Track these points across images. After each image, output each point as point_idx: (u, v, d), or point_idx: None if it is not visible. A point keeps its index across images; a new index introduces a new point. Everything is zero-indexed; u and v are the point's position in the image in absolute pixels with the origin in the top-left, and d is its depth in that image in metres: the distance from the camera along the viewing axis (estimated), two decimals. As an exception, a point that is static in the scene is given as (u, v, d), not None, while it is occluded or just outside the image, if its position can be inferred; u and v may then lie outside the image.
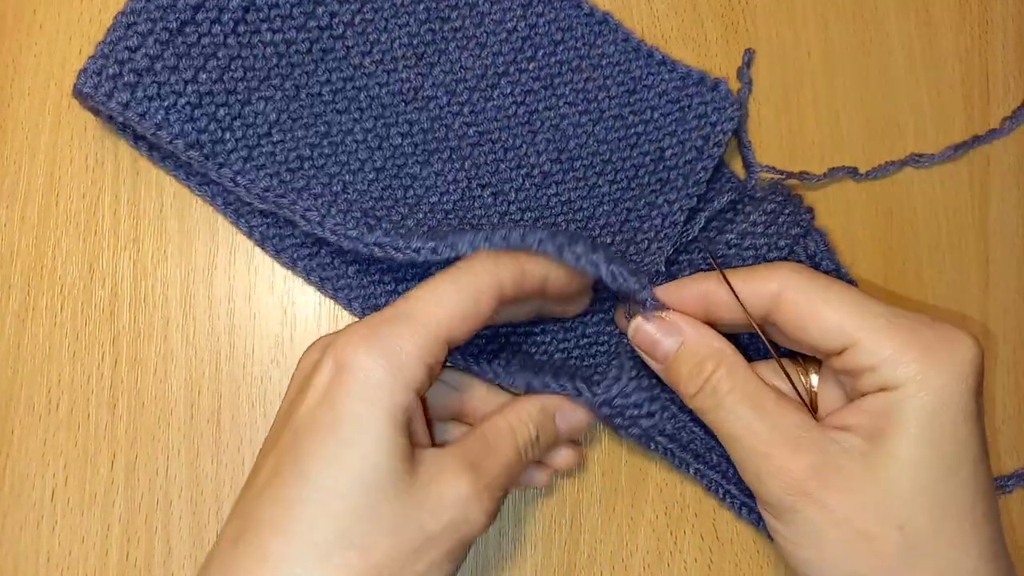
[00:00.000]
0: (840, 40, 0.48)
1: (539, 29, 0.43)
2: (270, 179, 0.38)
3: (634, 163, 0.43)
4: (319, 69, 0.40)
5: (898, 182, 0.47)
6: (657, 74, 0.44)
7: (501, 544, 0.41)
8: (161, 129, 0.37)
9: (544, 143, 0.42)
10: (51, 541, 0.39)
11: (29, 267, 0.40)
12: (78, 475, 0.39)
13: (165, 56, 0.37)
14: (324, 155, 0.40)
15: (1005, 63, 0.49)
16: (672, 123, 0.43)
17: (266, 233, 0.41)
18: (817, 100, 0.47)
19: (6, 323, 0.40)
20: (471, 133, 0.42)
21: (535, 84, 0.43)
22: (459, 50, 0.42)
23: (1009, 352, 0.47)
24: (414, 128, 0.41)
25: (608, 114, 0.43)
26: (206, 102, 0.38)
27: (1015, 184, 0.48)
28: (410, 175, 0.41)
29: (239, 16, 0.39)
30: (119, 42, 0.37)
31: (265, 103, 0.39)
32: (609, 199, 0.42)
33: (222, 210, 0.41)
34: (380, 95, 0.41)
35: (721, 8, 0.47)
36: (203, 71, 0.38)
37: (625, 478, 0.42)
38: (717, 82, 0.44)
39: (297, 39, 0.40)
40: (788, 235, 0.41)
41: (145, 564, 0.39)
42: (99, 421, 0.40)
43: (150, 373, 0.40)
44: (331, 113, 0.40)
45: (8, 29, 0.41)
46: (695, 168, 0.42)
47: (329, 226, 0.38)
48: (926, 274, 0.47)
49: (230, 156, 0.38)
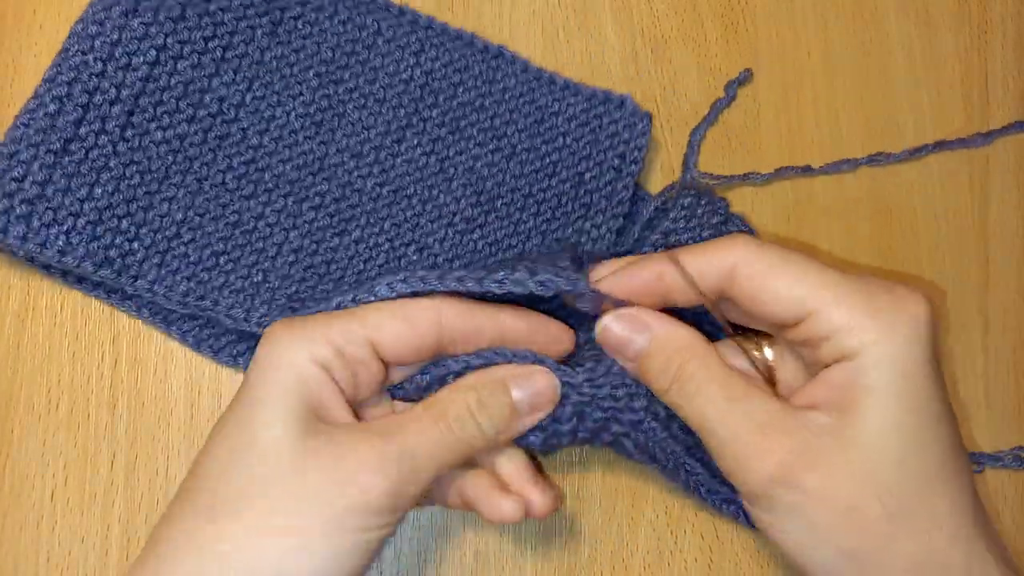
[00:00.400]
0: (840, 40, 0.48)
1: (436, 74, 0.42)
2: (187, 282, 0.37)
3: (555, 192, 0.42)
4: (218, 157, 0.39)
5: (898, 182, 0.47)
6: (562, 99, 0.43)
7: (501, 544, 0.41)
8: (65, 255, 0.36)
9: (461, 188, 0.42)
10: (51, 541, 0.39)
11: (29, 267, 0.40)
12: (78, 475, 0.39)
13: (55, 179, 0.36)
14: (239, 246, 0.39)
15: (1004, 63, 0.49)
16: (586, 146, 0.43)
17: (200, 336, 0.40)
18: (817, 100, 0.47)
19: (6, 323, 0.40)
20: (385, 192, 0.41)
21: (441, 131, 0.42)
22: (358, 110, 0.41)
23: (1009, 352, 0.47)
24: (326, 199, 0.40)
25: (520, 147, 0.42)
26: (107, 216, 0.36)
27: (1015, 185, 0.48)
28: (330, 248, 0.40)
29: (124, 121, 0.37)
30: (4, 174, 0.35)
31: (169, 204, 0.38)
32: (536, 232, 0.42)
33: (151, 322, 0.39)
34: (285, 172, 0.40)
35: (721, 8, 0.47)
36: (97, 185, 0.36)
37: (625, 477, 0.42)
38: (623, 99, 0.43)
39: (189, 131, 0.38)
40: (709, 225, 0.41)
41: (145, 564, 0.39)
42: (99, 421, 0.40)
43: (150, 373, 0.40)
44: (238, 200, 0.39)
45: (8, 29, 0.42)
46: (616, 188, 0.42)
47: (255, 319, 0.37)
48: (926, 274, 0.47)
49: (143, 266, 0.37)
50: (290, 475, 0.31)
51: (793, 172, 0.46)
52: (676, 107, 0.46)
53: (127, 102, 0.37)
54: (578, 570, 0.42)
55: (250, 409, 0.32)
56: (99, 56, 0.37)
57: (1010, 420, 0.46)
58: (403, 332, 0.34)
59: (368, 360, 0.33)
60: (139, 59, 0.37)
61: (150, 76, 0.38)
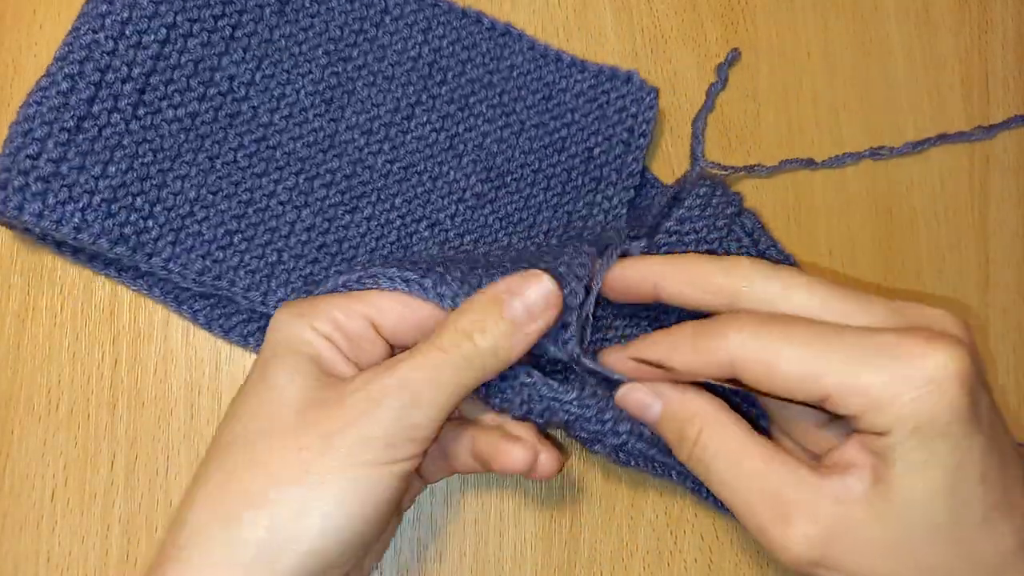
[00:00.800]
0: (840, 40, 0.48)
1: (444, 52, 0.42)
2: (202, 260, 0.37)
3: (564, 167, 0.43)
4: (229, 135, 0.39)
5: (898, 182, 0.47)
6: (569, 76, 0.44)
7: (502, 544, 0.41)
8: (81, 232, 0.36)
9: (471, 164, 0.42)
10: (51, 541, 0.39)
11: (29, 267, 0.40)
12: (78, 475, 0.39)
13: (69, 156, 0.36)
14: (252, 224, 0.39)
15: (1005, 64, 0.49)
16: (594, 121, 0.43)
17: (211, 315, 0.40)
18: (817, 100, 0.47)
19: (6, 323, 0.40)
20: (396, 169, 0.41)
21: (450, 107, 0.42)
22: (367, 88, 0.41)
23: (1009, 352, 0.47)
24: (337, 176, 0.40)
25: (529, 124, 0.43)
26: (121, 194, 0.36)
27: (1015, 184, 0.48)
28: (342, 226, 0.40)
29: (136, 99, 0.37)
30: (18, 152, 0.35)
31: (182, 182, 0.38)
32: (547, 206, 0.42)
33: (161, 300, 0.40)
34: (296, 149, 0.40)
35: (721, 8, 0.47)
36: (111, 163, 0.36)
37: (625, 477, 0.42)
38: (629, 74, 0.44)
39: (200, 109, 0.38)
40: (724, 215, 0.42)
41: (145, 564, 0.39)
42: (99, 421, 0.40)
43: (150, 373, 0.40)
44: (250, 178, 0.39)
45: (8, 29, 0.41)
46: (626, 160, 0.43)
47: (273, 303, 0.38)
48: (926, 274, 0.47)
49: (157, 244, 0.37)
50: (303, 423, 0.32)
51: (796, 164, 0.46)
52: (676, 107, 0.46)
53: (138, 80, 0.37)
54: (578, 570, 0.42)
55: (262, 374, 0.33)
56: (110, 34, 0.37)
57: (1010, 420, 0.46)
58: (403, 312, 0.34)
59: (371, 337, 0.34)
60: (149, 37, 0.37)
61: (160, 54, 0.38)
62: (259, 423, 0.32)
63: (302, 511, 0.30)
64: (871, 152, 0.47)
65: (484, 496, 0.42)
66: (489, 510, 0.41)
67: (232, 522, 0.31)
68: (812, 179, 0.47)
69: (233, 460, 0.32)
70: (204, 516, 0.31)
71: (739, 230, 0.42)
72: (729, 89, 0.47)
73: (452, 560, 0.41)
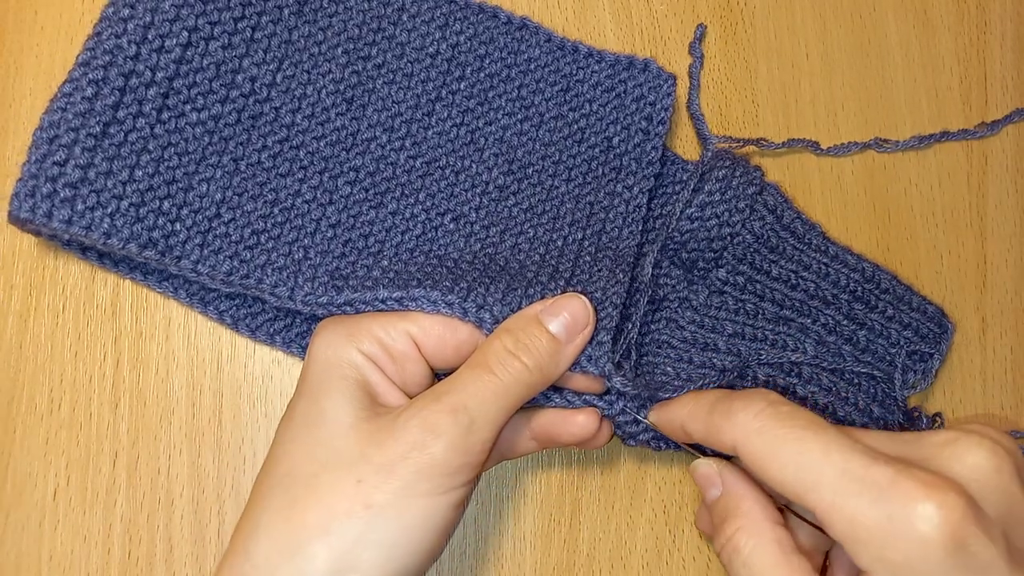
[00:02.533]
0: (838, 41, 0.48)
1: (462, 47, 0.43)
2: (230, 261, 0.38)
3: (584, 158, 0.43)
4: (253, 137, 0.39)
5: (896, 181, 0.47)
6: (587, 67, 0.44)
7: (501, 542, 0.42)
8: (110, 237, 0.35)
9: (492, 158, 0.42)
10: (53, 540, 0.39)
11: (31, 267, 0.40)
12: (80, 474, 0.39)
13: (96, 162, 0.35)
14: (278, 224, 0.39)
15: (1003, 64, 0.49)
16: (612, 111, 0.44)
17: (237, 315, 0.40)
18: (815, 100, 0.47)
19: (8, 323, 0.40)
20: (418, 165, 0.41)
21: (470, 102, 0.43)
22: (387, 85, 0.42)
23: (1007, 352, 0.47)
24: (360, 174, 0.41)
25: (548, 116, 0.43)
26: (149, 198, 0.36)
27: (1013, 185, 0.48)
28: (367, 222, 0.40)
29: (160, 103, 0.37)
30: (45, 159, 0.35)
31: (207, 184, 0.38)
32: (570, 197, 0.42)
33: (187, 302, 0.40)
34: (319, 148, 0.40)
35: (720, 8, 0.47)
36: (138, 168, 0.36)
37: (624, 476, 0.43)
38: (647, 62, 0.44)
39: (224, 112, 0.38)
40: (745, 195, 0.42)
41: (147, 563, 0.39)
42: (101, 420, 0.40)
43: (152, 372, 0.40)
44: (275, 179, 0.39)
45: (9, 30, 0.42)
46: (646, 149, 0.43)
47: (300, 297, 0.38)
48: (924, 274, 0.47)
49: (185, 247, 0.37)
50: (360, 454, 0.32)
51: (802, 144, 0.46)
52: (676, 106, 0.46)
53: (162, 84, 0.37)
54: (577, 569, 0.42)
55: (313, 401, 0.34)
56: (133, 39, 0.37)
57: (1009, 419, 0.46)
58: (443, 333, 0.35)
59: (414, 357, 0.35)
60: (172, 41, 0.37)
61: (183, 58, 0.38)
62: (314, 454, 0.33)
63: (362, 543, 0.31)
64: (875, 141, 0.47)
65: (483, 495, 0.42)
66: (489, 509, 0.42)
67: (296, 555, 0.31)
68: (810, 179, 0.47)
69: (293, 492, 0.32)
70: (267, 548, 0.31)
71: (762, 208, 0.43)
72: (729, 89, 0.47)
73: (452, 559, 0.41)
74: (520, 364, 0.34)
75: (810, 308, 0.43)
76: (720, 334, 0.42)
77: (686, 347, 0.42)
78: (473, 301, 0.36)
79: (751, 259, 0.43)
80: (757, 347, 0.42)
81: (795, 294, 0.43)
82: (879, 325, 0.43)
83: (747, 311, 0.43)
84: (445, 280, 0.37)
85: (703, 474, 0.36)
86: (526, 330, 0.35)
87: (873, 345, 0.43)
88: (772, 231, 0.43)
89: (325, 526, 0.31)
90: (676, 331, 0.43)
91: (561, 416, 0.37)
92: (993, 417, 0.46)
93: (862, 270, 0.44)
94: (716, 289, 0.43)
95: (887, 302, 0.43)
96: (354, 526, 0.31)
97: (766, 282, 0.43)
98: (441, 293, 0.36)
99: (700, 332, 0.42)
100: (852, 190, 0.47)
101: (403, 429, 0.32)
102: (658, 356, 0.42)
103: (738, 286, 0.43)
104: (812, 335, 0.42)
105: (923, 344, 0.43)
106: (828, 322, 0.43)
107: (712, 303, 0.43)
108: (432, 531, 0.32)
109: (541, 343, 0.35)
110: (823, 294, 0.43)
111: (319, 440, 0.33)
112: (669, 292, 0.43)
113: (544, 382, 0.35)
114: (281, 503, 0.32)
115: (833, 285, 0.43)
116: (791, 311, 0.43)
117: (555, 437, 0.37)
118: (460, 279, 0.37)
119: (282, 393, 0.41)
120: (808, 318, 0.43)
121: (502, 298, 0.37)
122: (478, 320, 0.36)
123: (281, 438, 0.34)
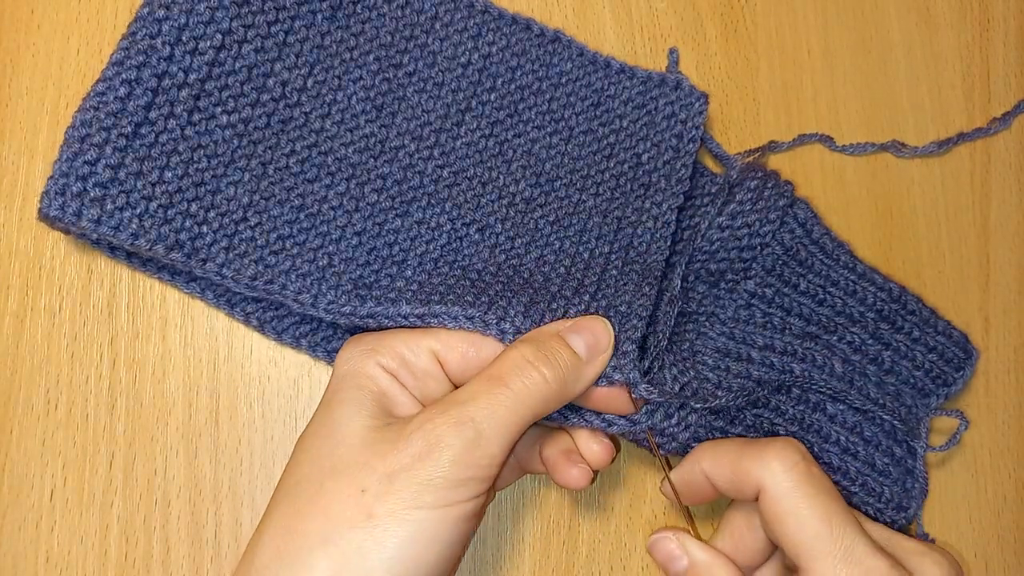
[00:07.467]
0: (840, 39, 0.48)
1: (493, 58, 0.43)
2: (255, 265, 0.37)
3: (613, 173, 0.43)
4: (281, 141, 0.39)
5: (898, 182, 0.47)
6: (618, 83, 0.44)
7: (500, 544, 0.41)
8: (139, 238, 0.35)
9: (520, 170, 0.42)
10: (50, 541, 0.39)
11: (27, 267, 0.40)
12: (77, 475, 0.39)
13: (127, 162, 0.35)
14: (304, 230, 0.39)
15: (1006, 61, 0.49)
16: (643, 128, 0.43)
17: (263, 318, 0.40)
18: (817, 98, 0.47)
19: (5, 323, 0.40)
20: (446, 174, 0.41)
21: (500, 114, 0.42)
22: (418, 94, 0.41)
23: (1010, 352, 0.47)
24: (387, 181, 0.40)
25: (578, 130, 0.43)
26: (177, 200, 0.36)
27: (1016, 184, 0.48)
28: (392, 230, 0.40)
29: (191, 105, 0.37)
30: (76, 157, 0.35)
31: (235, 187, 0.37)
32: (597, 211, 0.42)
33: (214, 303, 0.40)
34: (347, 155, 0.40)
35: (721, 8, 0.47)
36: (167, 169, 0.36)
37: (624, 477, 0.42)
38: (679, 80, 0.44)
39: (254, 115, 0.38)
40: (776, 207, 0.42)
41: (144, 564, 0.39)
42: (97, 421, 0.40)
43: (148, 373, 0.40)
44: (302, 184, 0.39)
45: (5, 29, 0.41)
46: (675, 167, 0.42)
47: (323, 305, 0.37)
48: (926, 274, 0.47)
49: (211, 249, 0.37)
50: (364, 464, 0.32)
51: (814, 139, 0.46)
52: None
53: (194, 86, 0.37)
54: (576, 570, 0.42)
55: (326, 411, 0.34)
56: (167, 40, 0.37)
57: (1010, 419, 0.46)
58: (467, 351, 0.35)
59: (436, 374, 0.35)
60: (205, 43, 0.37)
61: (216, 60, 0.38)
62: (321, 463, 0.32)
63: (364, 554, 0.30)
64: (893, 144, 0.46)
65: (482, 496, 0.42)
66: (488, 510, 0.41)
67: (296, 564, 0.31)
68: (812, 179, 0.46)
69: (297, 502, 0.32)
70: (268, 557, 0.31)
71: (792, 221, 0.43)
72: (729, 88, 0.47)
73: (450, 560, 0.41)
74: (539, 375, 0.33)
75: (836, 325, 0.42)
76: (752, 346, 0.42)
77: (720, 356, 0.42)
78: (494, 313, 0.36)
79: (780, 271, 0.43)
80: (787, 361, 0.41)
81: (822, 310, 0.43)
82: (904, 347, 0.43)
83: (774, 325, 0.42)
84: (467, 294, 0.37)
85: (664, 550, 0.36)
86: (547, 343, 0.34)
87: (897, 367, 0.43)
88: (801, 244, 0.43)
89: (326, 535, 0.31)
90: (708, 342, 0.42)
91: (557, 461, 0.37)
92: (996, 417, 0.46)
93: (889, 290, 0.43)
94: (744, 303, 0.43)
95: (913, 323, 0.43)
96: (356, 536, 0.30)
97: (794, 296, 0.43)
98: (462, 308, 0.36)
99: (731, 343, 0.42)
100: (854, 188, 0.47)
101: (407, 440, 0.32)
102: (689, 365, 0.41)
103: (766, 299, 0.42)
104: (838, 353, 0.42)
105: (947, 368, 0.43)
106: (854, 340, 0.42)
107: (740, 316, 0.42)
108: (438, 544, 0.31)
109: (563, 356, 0.34)
110: (850, 311, 0.43)
111: (328, 449, 0.33)
112: (696, 307, 0.43)
113: (562, 397, 0.34)
114: (286, 511, 0.32)
115: (860, 303, 0.43)
116: (818, 327, 0.42)
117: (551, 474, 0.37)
118: (483, 292, 0.37)
119: (279, 394, 0.41)
120: (834, 335, 0.42)
121: (524, 311, 0.36)
122: (499, 332, 0.35)
123: (296, 448, 0.34)
